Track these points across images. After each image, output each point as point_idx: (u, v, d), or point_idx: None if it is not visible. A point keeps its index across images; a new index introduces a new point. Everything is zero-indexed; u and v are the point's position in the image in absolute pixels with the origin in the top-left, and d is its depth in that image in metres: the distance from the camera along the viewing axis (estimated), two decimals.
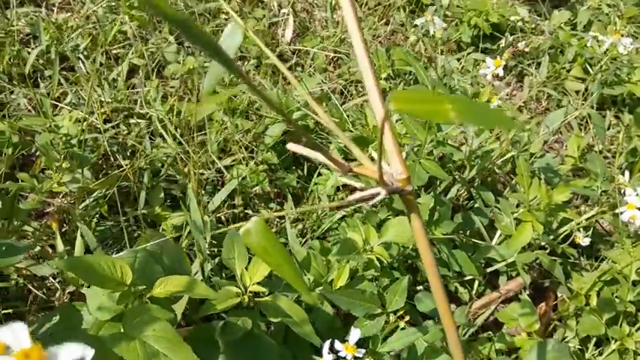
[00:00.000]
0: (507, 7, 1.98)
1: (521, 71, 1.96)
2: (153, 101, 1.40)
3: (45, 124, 1.14)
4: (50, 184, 0.96)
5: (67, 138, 1.14)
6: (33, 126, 1.14)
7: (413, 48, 1.97)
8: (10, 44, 1.49)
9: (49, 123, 1.14)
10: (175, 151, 1.31)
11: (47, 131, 1.12)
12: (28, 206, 0.93)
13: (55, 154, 1.18)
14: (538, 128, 1.59)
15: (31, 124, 1.14)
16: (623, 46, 1.38)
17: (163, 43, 1.65)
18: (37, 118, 1.14)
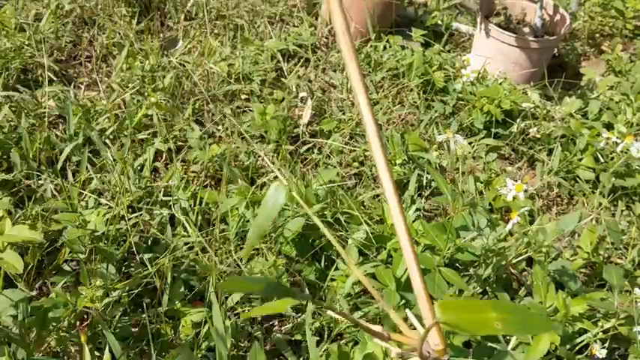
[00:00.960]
0: (519, 94, 2.03)
1: (533, 155, 2.00)
2: (175, 189, 1.43)
3: (74, 219, 1.17)
4: (83, 301, 0.99)
5: (94, 233, 1.17)
6: (62, 221, 1.17)
7: (426, 131, 2.02)
8: (40, 128, 1.54)
9: (77, 220, 1.17)
10: (196, 241, 1.34)
11: (76, 227, 1.15)
12: (59, 318, 0.95)
13: (80, 247, 1.20)
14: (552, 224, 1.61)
15: (61, 219, 1.17)
16: (637, 149, 1.41)
17: (187, 126, 1.70)
18: (67, 214, 1.18)
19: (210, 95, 1.88)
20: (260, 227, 0.62)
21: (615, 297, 1.15)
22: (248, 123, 1.79)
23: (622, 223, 1.82)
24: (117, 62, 1.85)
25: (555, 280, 1.35)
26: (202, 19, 2.23)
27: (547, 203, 1.90)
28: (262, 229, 0.62)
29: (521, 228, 1.22)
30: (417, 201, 1.71)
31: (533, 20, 2.40)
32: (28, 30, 1.90)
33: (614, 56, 2.37)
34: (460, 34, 2.71)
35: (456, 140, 1.16)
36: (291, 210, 1.37)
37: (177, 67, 1.96)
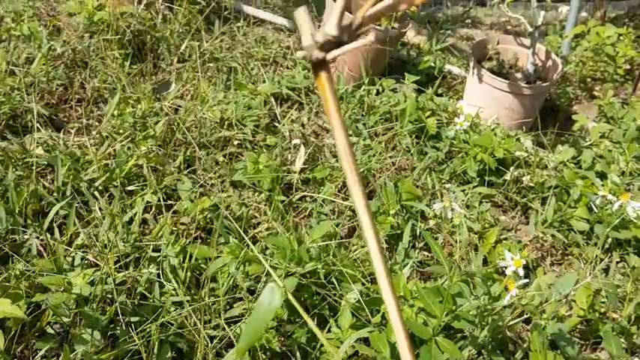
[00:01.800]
0: (512, 142, 2.03)
1: (527, 204, 1.99)
2: (165, 245, 1.40)
3: (58, 283, 1.13)
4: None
5: (79, 296, 1.14)
6: (46, 284, 1.13)
7: (419, 177, 2.00)
8: (27, 180, 1.51)
9: (62, 283, 1.13)
10: (184, 301, 1.30)
11: (61, 291, 1.12)
12: None
13: (65, 309, 1.17)
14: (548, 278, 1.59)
15: (45, 283, 1.13)
16: (633, 208, 1.40)
17: (177, 175, 1.67)
18: (51, 278, 1.14)
19: (202, 142, 1.86)
20: (255, 332, 0.59)
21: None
22: (240, 171, 1.77)
23: (617, 276, 1.81)
24: (108, 109, 1.83)
25: (552, 343, 1.33)
26: (195, 62, 2.22)
27: (541, 254, 1.89)
28: (257, 334, 0.59)
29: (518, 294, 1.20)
30: (410, 253, 1.69)
31: (525, 65, 2.41)
32: (18, 73, 1.87)
33: (606, 102, 2.39)
34: (453, 76, 2.72)
35: (453, 209, 1.14)
36: (283, 268, 1.34)
37: (169, 112, 1.94)
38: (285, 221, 1.62)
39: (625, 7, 3.79)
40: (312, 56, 0.43)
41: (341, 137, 0.44)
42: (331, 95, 0.44)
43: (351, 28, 0.43)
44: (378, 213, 1.74)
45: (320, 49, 0.42)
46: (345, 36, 0.43)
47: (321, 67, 0.44)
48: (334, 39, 0.42)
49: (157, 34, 2.25)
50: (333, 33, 0.42)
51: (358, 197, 0.44)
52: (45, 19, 2.30)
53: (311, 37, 0.43)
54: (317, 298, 1.37)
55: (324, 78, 0.44)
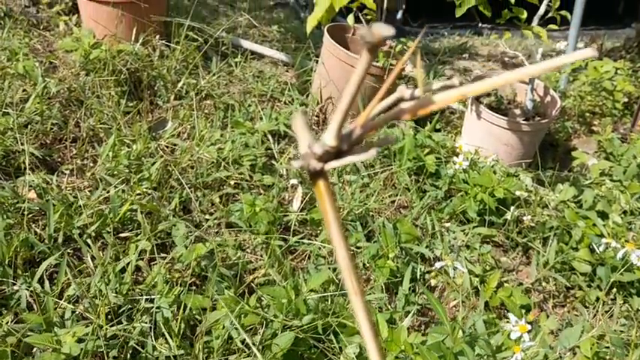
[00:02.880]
0: (512, 181, 2.00)
1: (527, 244, 1.96)
2: (158, 296, 1.37)
3: (48, 341, 1.09)
4: None
5: (69, 356, 1.10)
6: (35, 344, 1.09)
7: (418, 217, 1.97)
8: (18, 225, 1.48)
9: (52, 341, 1.09)
10: (178, 355, 1.27)
11: (50, 350, 1.08)
12: None
13: None
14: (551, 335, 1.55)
15: (33, 343, 1.09)
16: (637, 256, 1.38)
17: (172, 218, 1.64)
18: (40, 336, 1.10)
19: (198, 183, 1.83)
20: None
21: None
22: (237, 214, 1.74)
23: (621, 319, 1.77)
24: (103, 150, 1.81)
25: None
26: (192, 100, 2.20)
27: (543, 296, 1.85)
28: None
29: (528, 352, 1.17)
30: (410, 298, 1.65)
31: (524, 100, 2.40)
32: (12, 114, 1.85)
33: (606, 137, 2.37)
34: (451, 111, 2.71)
35: (455, 268, 1.11)
36: (280, 321, 1.30)
37: (165, 153, 1.91)
38: (283, 267, 1.59)
39: (621, 36, 3.80)
40: (309, 166, 0.40)
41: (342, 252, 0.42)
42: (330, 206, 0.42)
43: (351, 137, 0.41)
44: (377, 256, 1.71)
45: (318, 159, 0.40)
46: (344, 145, 0.40)
47: (320, 177, 0.41)
48: (333, 149, 0.40)
49: (153, 71, 2.24)
50: (331, 144, 0.39)
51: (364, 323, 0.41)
52: (41, 56, 2.29)
53: (308, 147, 0.40)
54: (315, 352, 1.33)
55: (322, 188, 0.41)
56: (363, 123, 0.42)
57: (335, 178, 2.06)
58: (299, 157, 0.42)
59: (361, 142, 0.43)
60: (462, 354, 1.10)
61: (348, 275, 0.43)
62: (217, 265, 1.44)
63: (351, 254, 0.42)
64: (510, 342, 1.39)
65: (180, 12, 2.74)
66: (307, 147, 0.41)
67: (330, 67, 2.37)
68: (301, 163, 0.42)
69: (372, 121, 0.42)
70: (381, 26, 0.32)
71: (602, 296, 1.79)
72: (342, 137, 0.40)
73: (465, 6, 1.70)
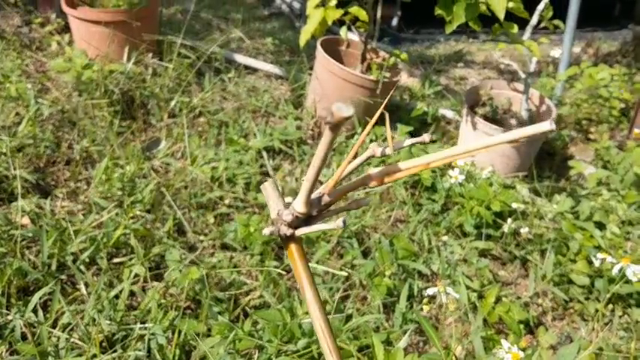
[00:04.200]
0: (509, 194, 1.99)
1: (525, 256, 1.95)
2: (152, 323, 1.36)
3: None
4: None
5: None
6: None
7: (415, 231, 1.96)
8: (11, 253, 1.47)
9: None
10: None
11: None
12: None
13: None
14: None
15: None
16: (633, 272, 1.37)
17: (166, 241, 1.64)
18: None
19: (192, 203, 1.83)
20: None
21: None
22: (231, 235, 1.73)
23: (620, 331, 1.76)
24: (96, 173, 1.80)
25: None
26: (186, 117, 2.19)
27: (542, 309, 1.84)
28: None
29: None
30: (407, 315, 1.64)
31: (519, 110, 2.40)
32: (5, 138, 1.85)
33: (602, 146, 2.36)
34: (447, 120, 2.70)
35: (447, 294, 1.10)
36: (275, 346, 1.29)
37: (158, 173, 1.91)
38: (278, 288, 1.58)
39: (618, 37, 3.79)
40: (279, 232, 0.40)
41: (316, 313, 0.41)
42: (303, 269, 0.41)
43: (320, 203, 0.40)
44: (373, 274, 1.70)
45: (288, 225, 0.39)
46: (313, 211, 0.40)
47: (291, 241, 0.41)
48: (302, 215, 0.39)
49: (146, 90, 2.23)
50: (301, 210, 0.39)
51: None
52: (34, 77, 2.28)
53: (278, 213, 0.40)
54: None
55: (294, 251, 0.41)
56: (332, 188, 0.41)
57: None
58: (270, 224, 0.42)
59: (329, 207, 0.42)
60: None
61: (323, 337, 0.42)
62: (211, 289, 1.43)
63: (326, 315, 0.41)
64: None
65: (172, 28, 2.74)
66: (277, 214, 0.41)
67: (324, 81, 2.36)
68: (272, 229, 0.41)
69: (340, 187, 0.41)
70: (340, 106, 0.31)
71: (601, 308, 1.78)
72: (311, 203, 0.40)
73: (455, 22, 1.69)
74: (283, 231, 0.39)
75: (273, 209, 0.39)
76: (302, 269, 0.42)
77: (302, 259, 0.41)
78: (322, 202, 0.39)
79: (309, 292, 0.42)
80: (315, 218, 0.39)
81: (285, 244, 0.40)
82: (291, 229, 0.39)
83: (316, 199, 0.39)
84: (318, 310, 0.43)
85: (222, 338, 1.26)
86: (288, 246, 0.40)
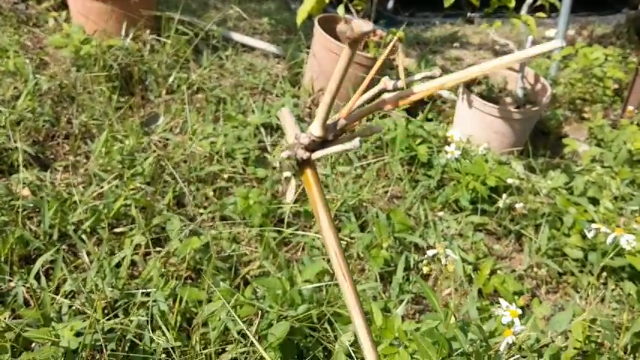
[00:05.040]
0: (504, 169, 2.02)
1: (520, 231, 1.98)
2: (154, 289, 1.38)
3: (46, 335, 1.10)
4: None
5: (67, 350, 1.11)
6: (33, 338, 1.10)
7: (412, 207, 1.99)
8: (12, 223, 1.48)
9: (50, 335, 1.11)
10: (175, 346, 1.28)
11: (49, 344, 1.09)
12: None
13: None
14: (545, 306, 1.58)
15: (31, 338, 1.10)
16: (626, 241, 1.40)
17: (166, 214, 1.65)
18: (38, 331, 1.11)
19: (191, 177, 1.84)
20: None
21: None
22: (231, 207, 1.75)
23: (612, 304, 1.79)
24: (95, 146, 1.81)
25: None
26: (184, 94, 2.20)
27: (536, 282, 1.87)
28: None
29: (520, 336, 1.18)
30: (405, 287, 1.67)
31: (515, 89, 2.42)
32: (4, 111, 1.85)
33: (596, 124, 2.39)
34: (443, 100, 2.72)
35: (447, 255, 1.13)
36: (275, 311, 1.32)
37: (157, 147, 1.92)
38: (277, 259, 1.60)
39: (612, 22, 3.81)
40: (296, 155, 0.41)
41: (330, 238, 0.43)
42: (318, 193, 0.43)
43: (336, 127, 0.42)
44: (370, 246, 1.72)
45: (305, 149, 0.41)
46: (329, 135, 0.42)
47: (307, 166, 0.42)
48: (318, 139, 0.41)
49: (144, 66, 2.24)
50: (317, 134, 0.40)
51: (354, 309, 0.43)
52: (31, 53, 2.28)
53: (295, 137, 0.42)
54: (311, 340, 1.35)
55: (309, 175, 0.43)
56: (347, 114, 0.43)
57: (328, 169, 2.07)
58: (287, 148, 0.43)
59: (345, 132, 0.44)
60: (455, 339, 1.12)
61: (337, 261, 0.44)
62: (212, 257, 1.45)
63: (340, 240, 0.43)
64: (503, 327, 1.41)
65: (170, 6, 2.74)
66: (294, 137, 0.42)
67: (321, 59, 2.37)
68: (289, 152, 0.43)
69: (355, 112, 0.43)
70: (360, 22, 0.33)
71: (594, 281, 1.81)
72: (327, 128, 0.42)
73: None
74: (300, 154, 0.40)
75: (290, 134, 0.41)
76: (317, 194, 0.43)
77: (317, 185, 0.43)
78: (338, 127, 0.41)
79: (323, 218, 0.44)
80: (330, 143, 0.41)
81: (301, 169, 0.42)
82: (308, 152, 0.40)
83: (332, 123, 0.40)
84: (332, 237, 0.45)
85: (223, 304, 1.28)
86: (304, 171, 0.42)
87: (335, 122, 0.40)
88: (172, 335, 1.31)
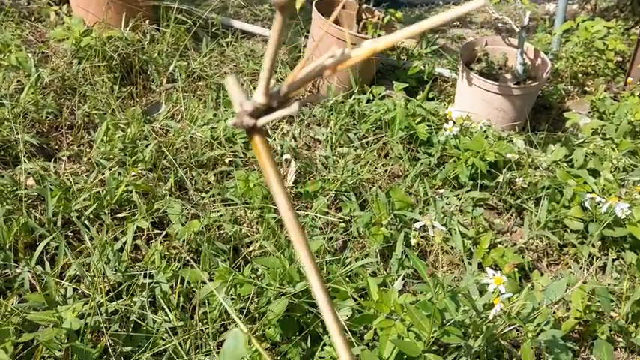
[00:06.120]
0: (503, 145, 2.02)
1: (521, 205, 1.99)
2: (156, 271, 1.41)
3: (49, 318, 1.14)
4: None
5: (70, 331, 1.14)
6: (36, 320, 1.14)
7: (412, 185, 2.00)
8: (17, 212, 1.52)
9: (53, 317, 1.14)
10: (177, 326, 1.31)
11: (52, 326, 1.13)
12: None
13: (57, 344, 1.18)
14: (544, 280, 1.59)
15: (35, 320, 1.14)
16: (621, 209, 1.40)
17: (168, 199, 1.68)
18: (41, 314, 1.15)
19: (193, 162, 1.87)
20: None
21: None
22: (232, 190, 1.78)
23: (613, 274, 1.80)
24: (97, 135, 1.84)
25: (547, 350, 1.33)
26: (185, 81, 2.23)
27: (537, 255, 1.88)
28: None
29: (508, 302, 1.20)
30: (404, 263, 1.69)
31: (515, 65, 2.41)
32: (7, 104, 1.89)
33: (598, 97, 2.38)
34: (444, 79, 2.72)
35: (434, 227, 1.14)
36: (274, 289, 1.35)
37: (159, 135, 1.95)
38: (277, 239, 1.62)
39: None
40: (242, 123, 0.43)
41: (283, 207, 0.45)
42: (268, 160, 0.45)
43: (279, 94, 0.44)
44: (370, 224, 1.74)
45: (250, 116, 0.43)
46: (274, 102, 0.43)
47: (255, 132, 0.44)
48: (262, 106, 0.43)
49: (144, 55, 2.26)
50: (260, 101, 0.42)
51: (312, 275, 0.45)
52: (34, 47, 2.32)
53: (240, 105, 0.44)
54: (309, 316, 1.38)
55: (258, 143, 0.44)
56: (291, 81, 0.45)
57: (329, 150, 2.09)
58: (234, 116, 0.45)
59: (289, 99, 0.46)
60: (447, 310, 1.14)
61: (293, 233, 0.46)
62: (212, 237, 1.48)
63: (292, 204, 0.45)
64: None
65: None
66: (240, 105, 0.44)
67: (320, 42, 2.38)
68: (235, 120, 0.45)
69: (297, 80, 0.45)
70: None
71: (595, 252, 1.82)
72: (271, 95, 0.43)
73: None
74: (246, 122, 0.42)
75: (236, 102, 0.43)
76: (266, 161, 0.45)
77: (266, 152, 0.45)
78: (281, 94, 0.42)
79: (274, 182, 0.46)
80: (275, 110, 0.43)
81: (249, 136, 0.44)
82: (253, 119, 0.42)
83: (276, 91, 0.42)
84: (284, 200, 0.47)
85: (221, 283, 1.31)
86: (252, 138, 0.44)
87: (278, 90, 0.41)
88: (174, 315, 1.34)
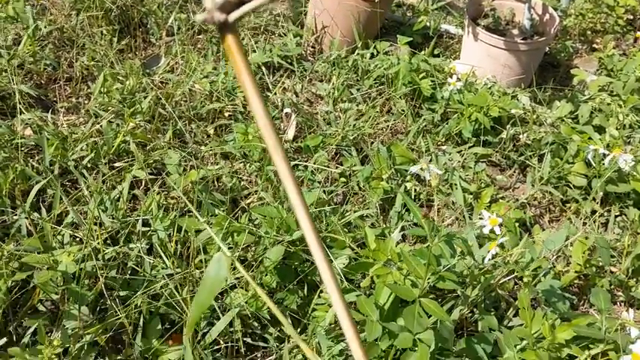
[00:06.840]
0: (508, 100, 1.99)
1: (524, 162, 1.96)
2: (154, 220, 1.40)
3: (44, 261, 1.14)
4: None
5: (66, 274, 1.14)
6: (31, 263, 1.14)
7: (415, 141, 1.98)
8: (14, 160, 1.51)
9: (48, 260, 1.14)
10: (174, 272, 1.31)
11: (47, 269, 1.13)
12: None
13: (53, 287, 1.18)
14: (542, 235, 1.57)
15: (30, 262, 1.14)
16: (625, 161, 1.38)
17: (165, 154, 1.67)
18: (35, 256, 1.15)
19: (192, 115, 1.85)
20: (202, 305, 0.58)
21: (603, 322, 1.12)
22: (231, 143, 1.76)
23: (615, 230, 1.78)
24: (95, 86, 1.82)
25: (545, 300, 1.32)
26: (184, 35, 2.19)
27: (539, 211, 1.87)
28: (204, 306, 0.59)
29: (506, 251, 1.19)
30: (404, 216, 1.68)
31: (522, 20, 2.35)
32: (5, 55, 1.86)
33: (606, 54, 2.33)
34: (450, 36, 2.67)
35: (430, 171, 1.12)
36: (271, 237, 1.34)
37: (157, 87, 1.92)
38: (276, 191, 1.61)
39: None
40: (213, 19, 0.41)
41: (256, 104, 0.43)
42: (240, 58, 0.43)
43: None
44: (370, 178, 1.73)
45: (221, 10, 0.40)
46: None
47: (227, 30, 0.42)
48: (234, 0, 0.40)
49: (144, 7, 2.22)
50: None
51: (282, 167, 0.43)
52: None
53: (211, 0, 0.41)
54: (307, 265, 1.37)
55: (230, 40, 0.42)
56: None
57: (330, 106, 2.06)
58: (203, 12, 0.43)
59: None
60: (442, 257, 1.13)
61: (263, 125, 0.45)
62: (210, 188, 1.47)
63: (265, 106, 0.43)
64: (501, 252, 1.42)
65: None
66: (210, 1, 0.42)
67: None
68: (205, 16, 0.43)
69: None
70: None
71: (597, 207, 1.80)
72: None
73: None
74: (217, 17, 0.40)
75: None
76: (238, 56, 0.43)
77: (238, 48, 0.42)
78: None
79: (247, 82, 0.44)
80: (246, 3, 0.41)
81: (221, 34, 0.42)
82: (224, 14, 0.40)
83: None
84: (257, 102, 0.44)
85: (219, 230, 1.30)
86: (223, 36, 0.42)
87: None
88: (172, 262, 1.34)
